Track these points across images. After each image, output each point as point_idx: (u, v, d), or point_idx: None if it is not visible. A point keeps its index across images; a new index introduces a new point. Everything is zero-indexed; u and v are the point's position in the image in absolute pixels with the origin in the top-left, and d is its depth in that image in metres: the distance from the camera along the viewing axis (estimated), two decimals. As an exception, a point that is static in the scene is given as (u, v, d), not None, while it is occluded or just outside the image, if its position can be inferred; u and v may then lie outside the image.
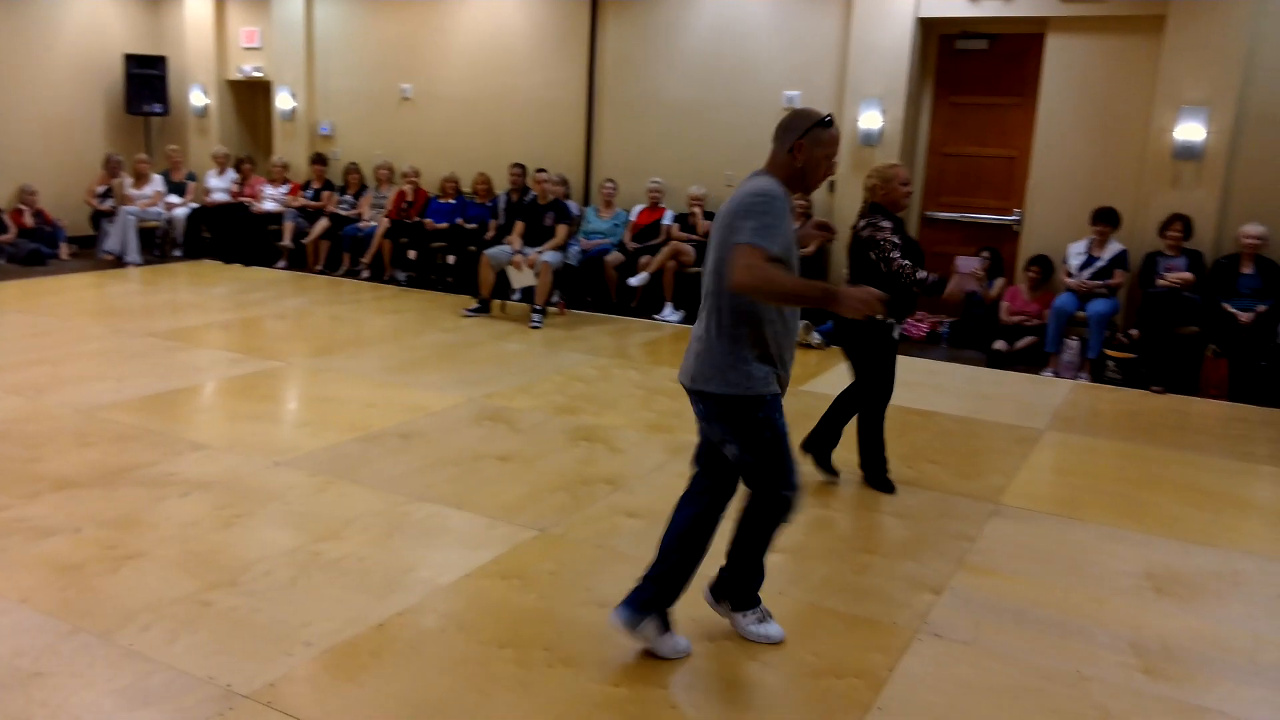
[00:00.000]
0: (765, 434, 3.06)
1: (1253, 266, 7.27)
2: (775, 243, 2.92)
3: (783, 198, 3.02)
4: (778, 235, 2.93)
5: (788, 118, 3.13)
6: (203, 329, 7.69)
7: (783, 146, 3.09)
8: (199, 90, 12.58)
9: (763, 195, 2.98)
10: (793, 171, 3.09)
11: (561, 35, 10.31)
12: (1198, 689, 3.18)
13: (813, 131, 3.06)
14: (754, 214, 2.94)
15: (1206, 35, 7.49)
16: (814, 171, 3.11)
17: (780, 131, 3.10)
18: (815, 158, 3.08)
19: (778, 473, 3.10)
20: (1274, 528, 4.62)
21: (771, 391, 3.06)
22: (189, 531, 4.00)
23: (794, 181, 3.10)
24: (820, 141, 3.08)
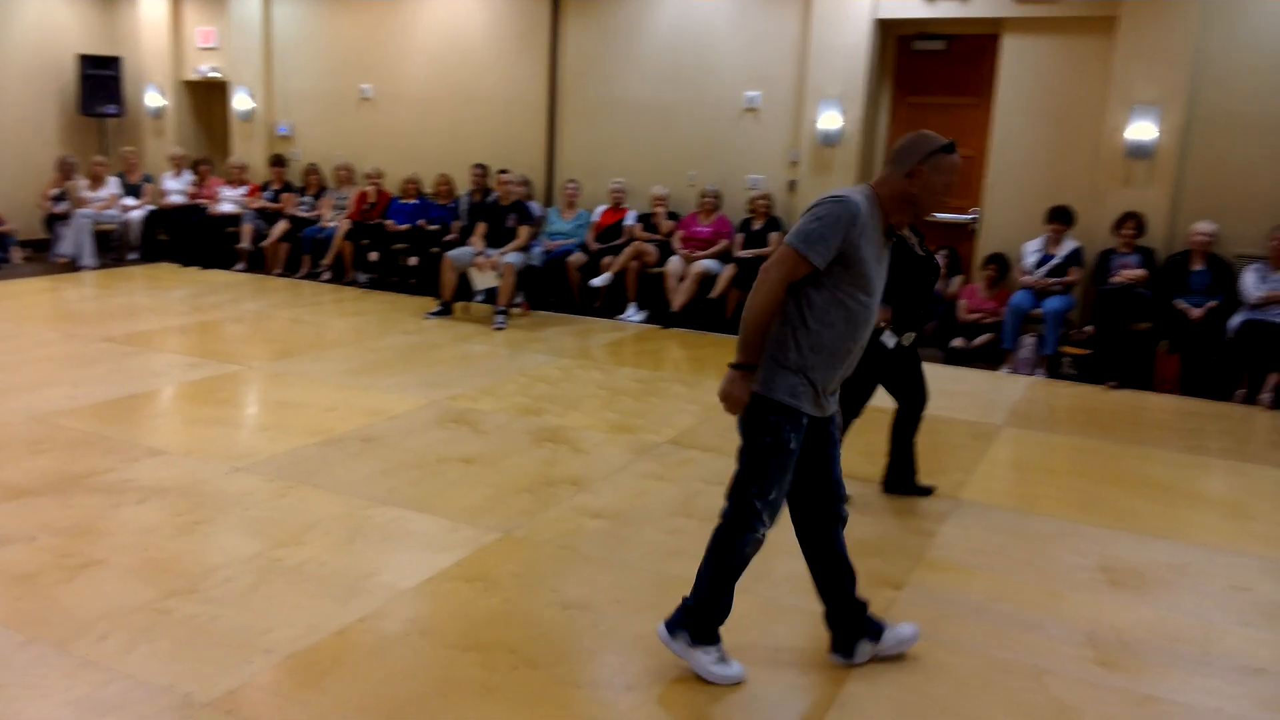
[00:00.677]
0: (766, 438, 2.97)
1: (1203, 263, 7.42)
2: (820, 254, 2.84)
3: (864, 212, 2.88)
4: (828, 246, 2.84)
5: (908, 140, 2.98)
6: (160, 333, 7.59)
7: (899, 169, 2.95)
8: (155, 91, 12.41)
9: (833, 200, 2.89)
10: (906, 196, 2.96)
11: (522, 34, 10.29)
12: (1151, 679, 3.24)
13: (935, 157, 2.93)
14: (810, 216, 2.89)
15: (1157, 37, 7.63)
16: (929, 198, 2.97)
17: (899, 154, 2.97)
18: (933, 185, 2.94)
19: (761, 482, 3.00)
20: (1225, 519, 4.72)
21: (794, 405, 2.94)
22: (146, 539, 3.95)
23: (903, 206, 2.98)
24: (941, 169, 2.94)
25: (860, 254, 2.88)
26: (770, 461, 2.98)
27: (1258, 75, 7.51)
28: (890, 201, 2.97)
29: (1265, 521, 4.70)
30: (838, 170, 8.83)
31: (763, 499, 3.00)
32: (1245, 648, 3.48)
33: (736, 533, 3.06)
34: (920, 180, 2.93)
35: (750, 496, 3.01)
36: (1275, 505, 4.93)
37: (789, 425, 2.96)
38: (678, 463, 5.14)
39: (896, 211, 2.99)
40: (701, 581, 3.13)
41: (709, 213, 9.05)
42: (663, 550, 4.05)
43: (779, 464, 2.99)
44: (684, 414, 6.02)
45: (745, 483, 3.03)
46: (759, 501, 3.00)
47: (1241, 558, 4.26)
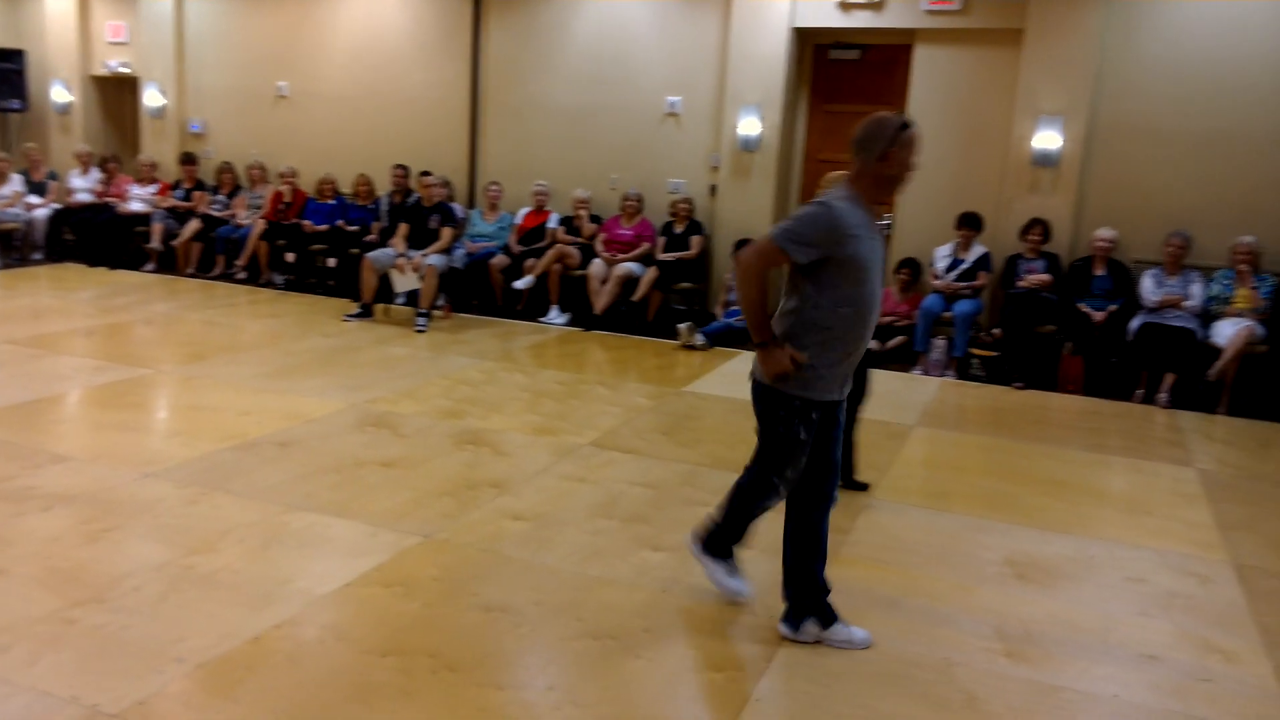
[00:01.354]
0: (779, 429, 3.30)
1: (1105, 268, 7.72)
2: (800, 252, 3.11)
3: (845, 211, 3.12)
4: (808, 246, 3.11)
5: (866, 128, 3.20)
6: (66, 335, 7.35)
7: (871, 156, 3.17)
8: (61, 86, 12.01)
9: (820, 207, 3.13)
10: (884, 179, 3.21)
11: (444, 35, 10.22)
12: (1054, 669, 3.38)
13: (900, 135, 3.17)
14: (796, 219, 3.16)
15: (1061, 49, 7.92)
16: (904, 174, 3.23)
17: (865, 142, 3.18)
18: (906, 162, 3.20)
19: (777, 466, 3.36)
20: (1125, 515, 4.92)
21: (804, 396, 3.24)
22: (51, 547, 3.84)
23: (883, 188, 3.25)
24: (908, 144, 3.18)
25: (852, 253, 3.12)
26: (783, 449, 3.34)
27: (1156, 88, 7.84)
28: (871, 190, 3.23)
29: (1161, 516, 4.91)
30: (757, 175, 8.96)
31: (779, 477, 3.39)
32: (1141, 636, 3.64)
33: (755, 496, 3.49)
34: (894, 160, 3.18)
35: (769, 474, 3.41)
36: (1171, 501, 5.16)
37: (799, 419, 3.27)
38: (600, 464, 5.17)
39: (877, 197, 3.27)
40: (725, 514, 3.58)
41: (631, 216, 9.10)
42: (584, 551, 4.08)
43: (792, 450, 3.33)
44: (606, 416, 6.05)
45: (765, 463, 3.41)
46: (775, 478, 3.40)
47: (1139, 551, 4.45)
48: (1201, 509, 5.04)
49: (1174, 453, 6.03)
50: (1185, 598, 3.99)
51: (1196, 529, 4.76)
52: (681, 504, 4.66)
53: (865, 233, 3.15)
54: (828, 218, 3.10)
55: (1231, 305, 7.33)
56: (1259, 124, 7.62)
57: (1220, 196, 7.77)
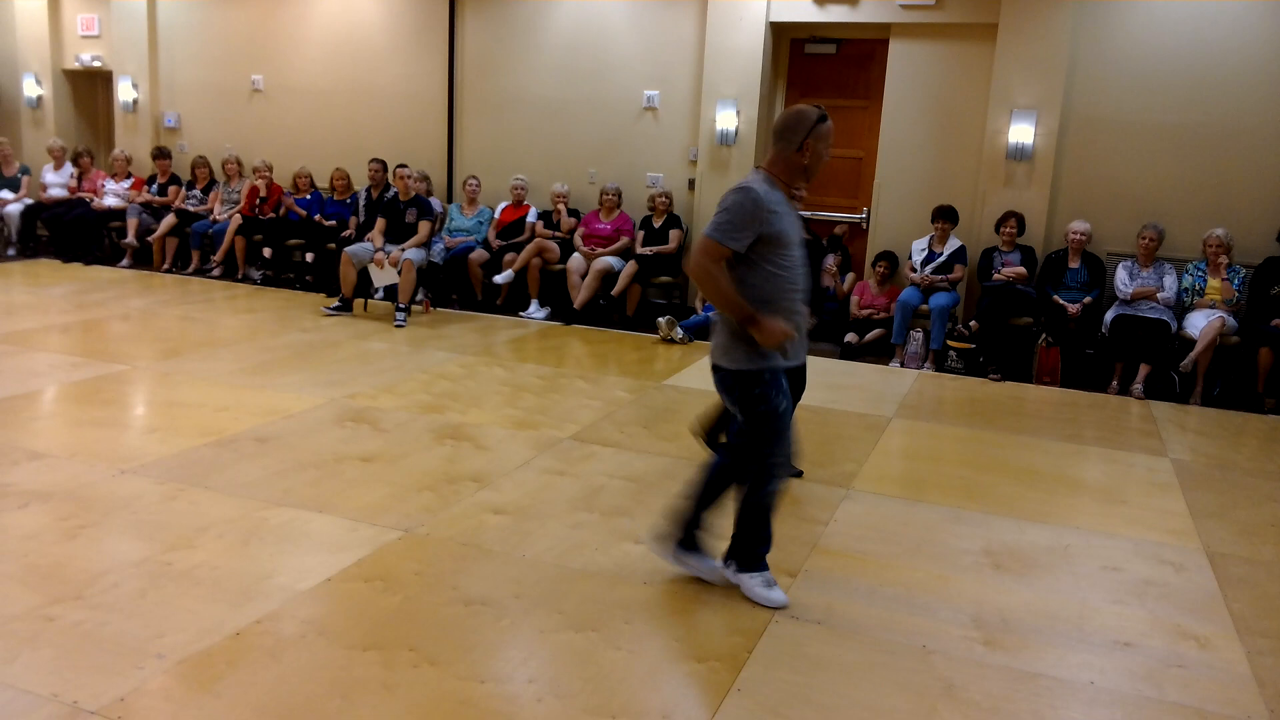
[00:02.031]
0: (760, 408, 3.44)
1: (1079, 260, 7.79)
2: (737, 240, 3.34)
3: (765, 195, 3.36)
4: (741, 232, 3.33)
5: (787, 119, 3.46)
6: (40, 331, 7.28)
7: (789, 146, 3.44)
8: (32, 80, 11.88)
9: (738, 193, 3.36)
10: (799, 167, 3.47)
11: (420, 28, 10.18)
12: (1031, 657, 3.41)
13: (816, 128, 3.43)
14: (720, 210, 3.38)
15: (1033, 44, 7.98)
16: (818, 163, 3.48)
17: (783, 132, 3.45)
18: (820, 152, 3.46)
19: (769, 445, 3.48)
20: (1100, 504, 4.98)
21: (770, 367, 3.42)
22: (29, 545, 3.81)
23: (797, 175, 3.50)
24: (823, 136, 3.44)
25: (776, 228, 3.37)
26: (770, 425, 3.46)
27: (1126, 82, 7.92)
28: (786, 175, 3.48)
29: (1136, 505, 4.97)
30: (734, 168, 8.98)
31: (774, 456, 3.52)
32: (1116, 624, 3.69)
33: (760, 489, 3.57)
34: (810, 151, 3.44)
35: (764, 459, 3.52)
36: (1145, 490, 5.22)
37: (773, 389, 3.43)
38: (580, 458, 5.18)
39: (791, 182, 3.51)
40: (742, 524, 3.64)
41: (610, 210, 9.10)
42: (565, 545, 4.09)
43: (777, 425, 3.47)
44: (586, 410, 6.05)
45: (756, 448, 3.51)
46: (770, 459, 3.51)
47: (1114, 539, 4.50)
48: (1175, 498, 5.11)
49: (1148, 443, 6.10)
50: (1160, 585, 4.04)
51: (1171, 517, 4.82)
52: (662, 497, 4.67)
53: (785, 209, 3.42)
54: (753, 201, 3.33)
55: (1204, 297, 7.42)
56: (1230, 117, 7.71)
57: (1192, 189, 7.86)
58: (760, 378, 3.42)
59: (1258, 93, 7.63)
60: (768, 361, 3.42)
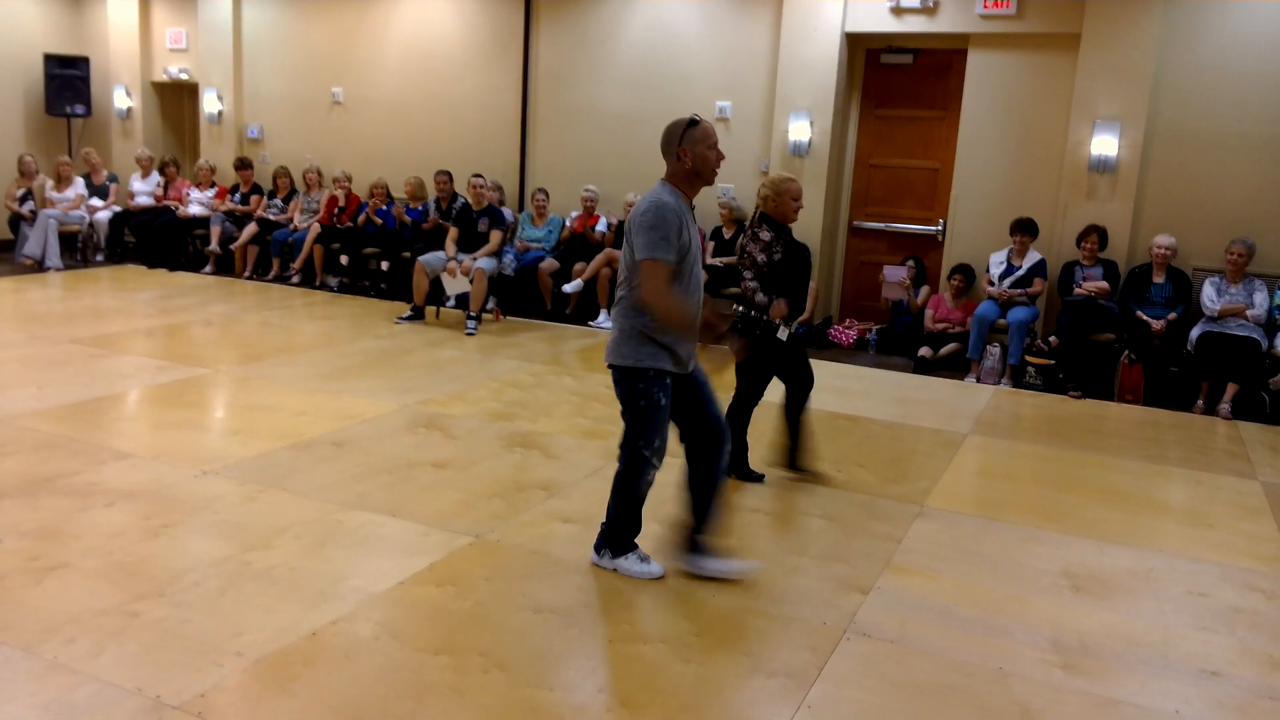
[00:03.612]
0: (640, 402, 3.62)
1: (1164, 276, 7.57)
2: (670, 250, 3.45)
3: (674, 205, 3.50)
4: (671, 242, 3.45)
5: (664, 133, 3.61)
6: (127, 335, 7.52)
7: (670, 156, 3.59)
8: (122, 91, 12.30)
9: (652, 208, 3.48)
10: (687, 172, 3.58)
11: (495, 42, 10.31)
12: (1112, 683, 3.31)
13: (686, 133, 3.55)
14: (644, 229, 3.46)
15: (1118, 54, 7.79)
16: (705, 165, 3.57)
17: (664, 146, 3.60)
18: (700, 153, 3.55)
19: (645, 436, 3.65)
20: (1184, 527, 4.82)
21: (656, 367, 3.58)
22: (114, 542, 3.92)
23: (692, 180, 3.60)
24: (696, 139, 3.55)
25: (685, 238, 3.51)
26: (648, 418, 3.63)
27: (1214, 93, 7.68)
28: (684, 183, 3.60)
29: (1222, 529, 4.80)
30: (807, 180, 8.90)
31: (649, 448, 3.67)
32: (1202, 651, 3.56)
33: (632, 477, 3.75)
34: (689, 155, 3.55)
35: (639, 449, 3.68)
36: (1232, 513, 5.04)
37: (655, 386, 3.61)
38: (648, 469, 5.16)
39: (691, 188, 3.62)
40: (611, 513, 3.85)
41: (680, 221, 9.09)
42: (633, 555, 4.08)
43: (655, 419, 3.64)
44: (655, 420, 6.04)
45: (633, 439, 3.69)
46: (646, 450, 3.68)
47: (1200, 564, 4.35)
48: (1266, 522, 4.92)
49: (1237, 465, 5.89)
50: (1249, 613, 3.89)
51: (1261, 543, 4.65)
52: (732, 508, 4.64)
53: (688, 218, 3.56)
54: (670, 209, 3.47)
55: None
56: (1326, 129, 7.43)
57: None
58: (645, 374, 3.58)
59: (1356, 103, 7.34)
60: (656, 363, 3.58)
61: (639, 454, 3.68)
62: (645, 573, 3.84)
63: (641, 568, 3.85)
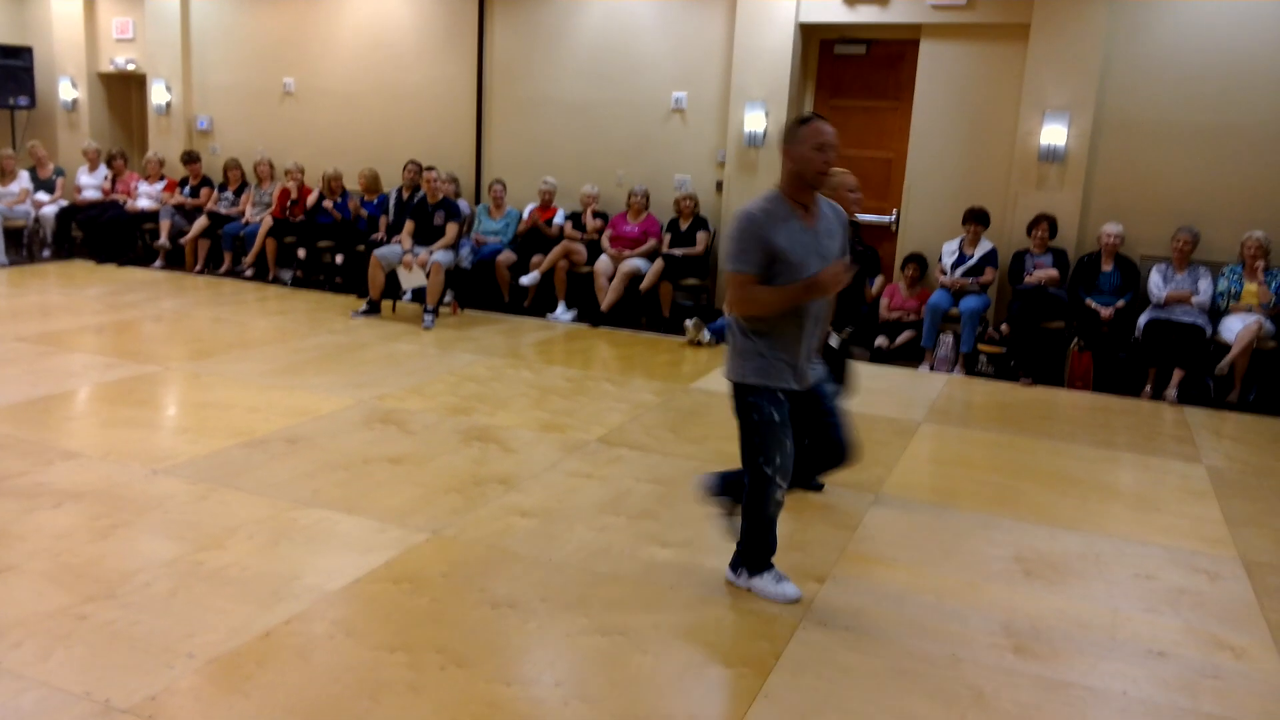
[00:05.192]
0: (752, 416, 3.50)
1: (1112, 264, 7.70)
2: (749, 262, 3.37)
3: (762, 214, 3.39)
4: (750, 254, 3.37)
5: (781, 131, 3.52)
6: (75, 332, 7.38)
7: (783, 157, 3.46)
8: (67, 83, 12.04)
9: (736, 220, 3.41)
10: (793, 174, 3.43)
11: (449, 31, 10.22)
12: (1062, 665, 3.37)
13: (794, 132, 3.42)
14: (732, 240, 3.42)
15: (1066, 45, 7.90)
16: (807, 167, 3.39)
17: (781, 144, 3.49)
18: (803, 154, 3.38)
19: (763, 452, 3.50)
20: (1132, 511, 4.91)
21: (765, 384, 3.47)
22: (62, 543, 3.85)
23: (798, 183, 3.43)
24: (800, 139, 3.39)
25: (775, 245, 3.36)
26: (761, 434, 3.50)
27: (1160, 83, 7.81)
28: (790, 186, 3.45)
29: (1170, 513, 4.90)
30: (763, 170, 8.95)
31: (770, 465, 3.51)
32: (1149, 632, 3.63)
33: (759, 496, 3.59)
34: (793, 156, 3.41)
35: (760, 466, 3.53)
36: (1178, 497, 5.15)
37: (767, 401, 3.48)
38: (607, 461, 5.17)
39: (798, 192, 3.45)
40: (744, 534, 3.72)
41: (637, 212, 9.10)
42: (592, 548, 4.08)
43: (769, 435, 3.48)
44: (613, 412, 6.05)
45: (751, 456, 3.55)
46: (768, 468, 3.52)
47: (1147, 547, 4.44)
48: (1210, 505, 5.03)
49: (1183, 449, 6.02)
50: (1194, 594, 3.98)
51: (1205, 525, 4.75)
52: (689, 500, 4.66)
53: (788, 225, 3.40)
54: (748, 220, 3.38)
55: (1240, 301, 7.31)
56: (1267, 118, 7.59)
57: (1228, 191, 7.74)
58: (754, 389, 3.49)
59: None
60: (766, 379, 3.48)
61: (760, 472, 3.54)
62: (780, 594, 3.70)
63: (777, 589, 3.70)
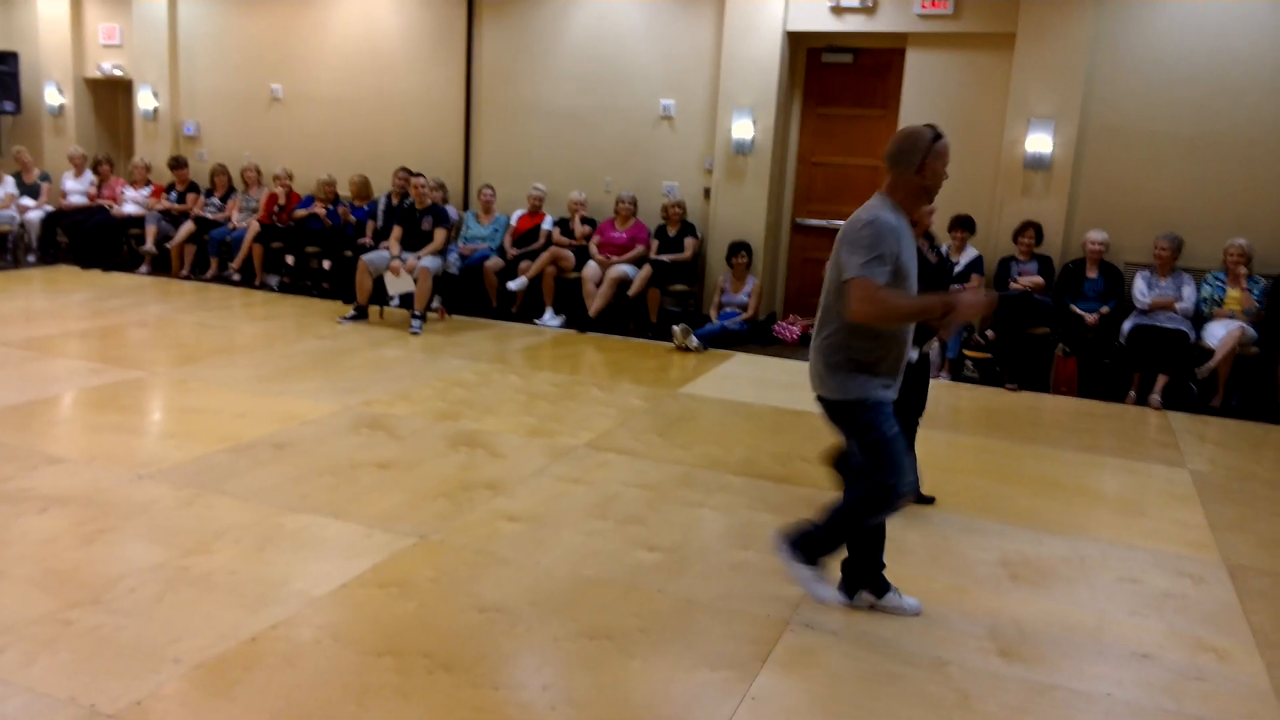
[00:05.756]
0: (869, 437, 3.34)
1: (1097, 270, 7.75)
2: (884, 272, 3.19)
3: (893, 224, 3.26)
4: (887, 263, 3.20)
5: (901, 141, 3.36)
6: (60, 338, 7.35)
7: (909, 169, 3.32)
8: (54, 88, 12.00)
9: (870, 225, 3.23)
10: (920, 190, 3.36)
11: (437, 37, 10.23)
12: (1048, 669, 3.39)
13: (933, 147, 3.32)
14: (861, 248, 3.21)
15: (1052, 54, 7.96)
16: (936, 183, 3.38)
17: (899, 156, 3.34)
18: (939, 172, 3.36)
19: (884, 468, 3.31)
20: (1117, 515, 4.94)
21: (873, 398, 3.32)
22: (47, 549, 3.83)
23: (918, 199, 3.39)
24: (940, 155, 3.34)
25: (901, 259, 3.27)
26: (884, 452, 3.32)
27: (1144, 92, 7.88)
28: (908, 200, 3.38)
29: (1154, 517, 4.94)
30: (750, 178, 8.98)
31: (902, 480, 3.32)
32: (1135, 635, 3.66)
33: (874, 508, 3.42)
34: (929, 171, 3.33)
35: (886, 487, 3.33)
36: (1163, 501, 5.18)
37: (880, 416, 3.33)
38: (595, 465, 5.18)
39: (914, 206, 3.42)
40: (829, 529, 3.48)
41: (625, 219, 9.12)
42: (580, 552, 4.09)
43: (892, 450, 3.31)
44: (601, 417, 6.06)
45: (879, 475, 3.33)
46: (900, 484, 3.32)
47: (1133, 551, 4.47)
48: (1194, 509, 5.07)
49: (1167, 454, 6.06)
50: (1178, 597, 4.01)
51: (1189, 529, 4.79)
52: (677, 505, 4.67)
53: (908, 237, 3.34)
54: (889, 227, 3.24)
55: (1223, 307, 7.37)
56: (1250, 126, 7.66)
57: (1212, 199, 7.81)
58: (866, 405, 3.33)
59: (1278, 101, 7.57)
60: (867, 392, 3.32)
61: (886, 488, 3.33)
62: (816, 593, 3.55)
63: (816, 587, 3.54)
